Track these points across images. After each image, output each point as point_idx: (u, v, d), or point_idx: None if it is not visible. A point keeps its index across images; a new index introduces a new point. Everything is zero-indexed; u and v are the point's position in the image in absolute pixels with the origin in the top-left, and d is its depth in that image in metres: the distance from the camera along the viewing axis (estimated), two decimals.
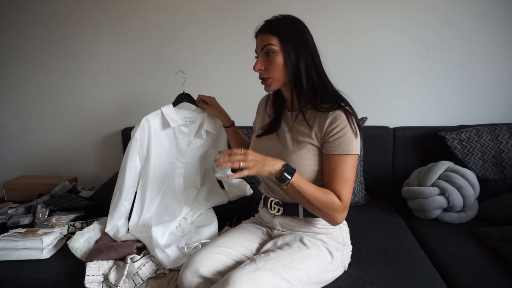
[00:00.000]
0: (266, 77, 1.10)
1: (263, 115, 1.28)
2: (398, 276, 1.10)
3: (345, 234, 1.16)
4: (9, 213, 1.55)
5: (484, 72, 1.86)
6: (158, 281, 1.14)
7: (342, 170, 1.03)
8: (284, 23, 1.06)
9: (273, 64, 1.07)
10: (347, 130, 1.03)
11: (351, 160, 1.04)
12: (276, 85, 1.11)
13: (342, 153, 1.03)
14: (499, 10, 1.79)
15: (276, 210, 1.16)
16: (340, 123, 1.03)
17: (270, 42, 1.05)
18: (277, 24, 1.06)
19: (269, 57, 1.07)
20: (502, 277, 1.11)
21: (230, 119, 1.44)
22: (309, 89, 1.08)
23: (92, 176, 2.21)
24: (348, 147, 1.03)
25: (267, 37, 1.06)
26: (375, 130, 1.83)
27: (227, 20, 1.95)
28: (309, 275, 1.00)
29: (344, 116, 1.03)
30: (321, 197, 1.00)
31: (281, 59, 1.06)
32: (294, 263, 0.99)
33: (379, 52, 1.90)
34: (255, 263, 0.96)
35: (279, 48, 1.05)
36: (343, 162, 1.03)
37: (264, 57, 1.09)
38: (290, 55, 1.05)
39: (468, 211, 1.51)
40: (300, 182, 1.00)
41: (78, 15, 2.04)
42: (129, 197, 1.37)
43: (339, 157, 1.04)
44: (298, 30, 1.07)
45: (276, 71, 1.08)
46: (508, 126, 1.66)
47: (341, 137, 1.03)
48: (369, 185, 1.79)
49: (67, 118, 2.18)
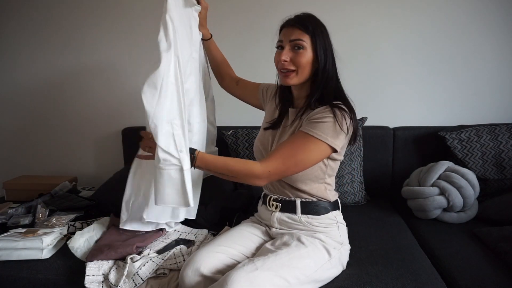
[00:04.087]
0: (290, 69, 1.09)
1: (274, 107, 1.26)
2: (398, 276, 1.10)
3: (343, 233, 1.16)
4: (9, 213, 1.55)
5: (484, 72, 1.86)
6: (158, 281, 1.14)
7: (293, 144, 1.03)
8: (316, 24, 1.09)
9: (301, 59, 1.07)
10: (328, 119, 1.03)
11: (311, 143, 1.02)
12: (297, 80, 1.11)
13: (306, 131, 1.03)
14: (499, 10, 1.79)
15: (274, 206, 1.17)
16: (323, 112, 1.04)
17: (302, 38, 1.07)
18: (309, 22, 1.08)
19: (297, 51, 1.08)
20: (502, 277, 1.11)
21: (209, 31, 1.41)
22: (324, 91, 1.09)
23: (92, 176, 2.21)
24: (317, 131, 1.02)
25: (298, 32, 1.07)
26: (375, 130, 1.83)
27: (227, 20, 1.95)
28: (307, 274, 1.00)
29: (331, 110, 1.04)
30: (232, 167, 1.03)
31: (310, 57, 1.08)
32: (292, 262, 1.00)
33: (379, 52, 1.90)
34: (253, 263, 0.97)
35: (309, 46, 1.07)
36: (301, 139, 1.03)
37: (291, 50, 1.09)
38: (319, 55, 1.07)
39: (468, 211, 1.51)
40: (206, 161, 1.05)
41: (78, 15, 2.04)
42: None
43: (300, 133, 1.04)
44: (326, 33, 1.11)
45: (302, 67, 1.08)
46: (508, 126, 1.66)
47: (317, 121, 1.03)
48: (369, 185, 1.79)
49: (67, 118, 2.18)
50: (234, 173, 1.04)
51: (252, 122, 1.90)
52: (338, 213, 1.19)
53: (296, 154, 1.02)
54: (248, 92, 1.40)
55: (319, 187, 1.14)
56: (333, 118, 1.02)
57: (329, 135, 1.02)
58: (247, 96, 1.41)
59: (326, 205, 1.15)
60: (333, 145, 1.03)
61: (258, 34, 1.93)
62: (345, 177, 1.69)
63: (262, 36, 1.90)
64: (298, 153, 1.02)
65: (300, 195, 1.14)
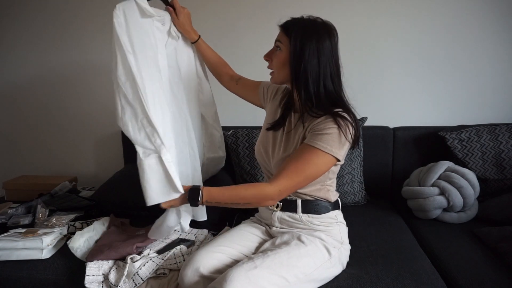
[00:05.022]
0: (270, 69, 1.15)
1: (275, 107, 1.25)
2: (398, 276, 1.10)
3: (343, 233, 1.17)
4: (9, 213, 1.55)
5: (484, 72, 1.86)
6: (158, 281, 1.14)
7: (300, 159, 1.03)
8: (300, 26, 1.06)
9: (276, 59, 1.11)
10: (333, 131, 1.01)
11: (318, 157, 1.02)
12: (275, 79, 1.15)
13: (312, 144, 1.02)
14: (499, 11, 1.79)
15: (275, 205, 1.17)
16: (327, 123, 1.03)
17: (280, 39, 1.09)
18: (292, 24, 1.07)
19: (275, 52, 1.11)
20: (502, 277, 1.11)
21: (195, 32, 1.39)
22: (313, 95, 1.06)
23: (92, 176, 2.21)
24: (323, 143, 1.01)
25: (280, 34, 1.10)
26: (375, 130, 1.83)
27: (227, 19, 1.95)
28: (307, 273, 1.00)
29: (334, 121, 1.02)
30: (243, 194, 1.03)
31: (283, 57, 1.08)
32: (291, 261, 1.00)
33: (379, 52, 1.90)
34: (253, 261, 0.97)
35: (285, 46, 1.07)
36: (307, 153, 1.02)
37: (273, 50, 1.12)
38: (294, 57, 1.05)
39: (468, 211, 1.51)
40: (212, 195, 1.04)
41: (81, 17, 2.04)
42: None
43: (306, 146, 1.03)
44: (314, 35, 1.04)
45: (276, 66, 1.12)
46: (508, 126, 1.66)
47: (322, 133, 1.02)
48: (369, 185, 1.79)
49: (67, 118, 2.18)
50: (247, 200, 1.04)
51: (252, 122, 1.90)
52: (339, 212, 1.20)
53: (304, 169, 1.02)
54: (249, 91, 1.39)
55: (321, 189, 1.14)
56: (337, 129, 1.01)
57: (334, 147, 1.02)
58: (247, 95, 1.41)
59: (326, 204, 1.15)
60: (337, 156, 1.03)
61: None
62: (345, 177, 1.69)
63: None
64: (306, 168, 1.02)
65: (301, 196, 1.14)
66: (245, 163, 1.75)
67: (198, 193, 1.04)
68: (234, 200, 1.04)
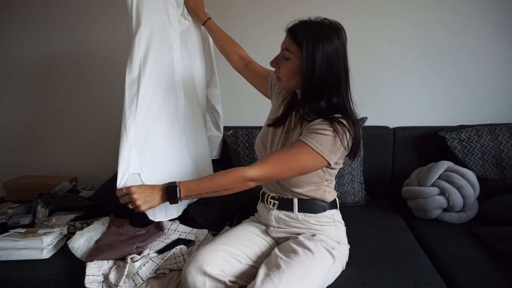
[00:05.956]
0: (277, 76, 1.11)
1: (279, 104, 1.24)
2: (398, 276, 1.10)
3: (340, 232, 1.16)
4: (9, 213, 1.55)
5: (484, 72, 1.86)
6: (158, 281, 1.14)
7: (289, 151, 1.02)
8: (310, 34, 1.01)
9: (283, 68, 1.07)
10: (328, 133, 1.00)
11: (308, 154, 1.01)
12: (284, 86, 1.12)
13: (304, 140, 1.01)
14: (499, 10, 1.79)
15: (272, 204, 1.18)
16: (324, 125, 1.02)
17: (289, 48, 1.04)
18: (301, 31, 1.02)
19: (284, 60, 1.07)
20: (502, 277, 1.11)
21: (205, 14, 1.41)
22: (319, 107, 1.05)
23: (92, 176, 2.21)
24: (315, 142, 1.00)
25: (288, 41, 1.05)
26: (375, 130, 1.83)
27: (227, 18, 1.95)
28: (319, 282, 1.02)
29: (330, 124, 1.01)
30: (222, 181, 1.03)
31: (293, 67, 1.05)
32: (305, 275, 0.99)
33: (379, 52, 1.90)
34: (271, 280, 0.94)
35: (296, 56, 1.04)
36: (298, 147, 1.02)
37: (280, 57, 1.09)
38: (307, 69, 1.02)
39: (468, 211, 1.51)
40: (190, 188, 1.04)
41: (82, 13, 2.04)
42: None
43: (299, 141, 1.03)
44: (326, 43, 1.01)
45: (285, 75, 1.08)
46: (508, 126, 1.66)
47: (317, 132, 1.01)
48: (369, 185, 1.79)
49: (67, 118, 2.18)
50: (226, 186, 1.03)
51: (252, 122, 1.90)
52: (336, 211, 1.19)
53: (290, 161, 1.02)
54: (257, 78, 1.37)
55: (317, 190, 1.14)
56: (333, 133, 1.00)
57: (326, 149, 1.01)
58: (255, 81, 1.38)
59: (323, 203, 1.15)
60: (328, 160, 1.02)
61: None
62: (345, 177, 1.69)
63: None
64: (292, 161, 1.02)
65: (297, 195, 1.15)
66: (245, 163, 1.75)
67: (176, 189, 1.04)
68: (214, 188, 1.04)
